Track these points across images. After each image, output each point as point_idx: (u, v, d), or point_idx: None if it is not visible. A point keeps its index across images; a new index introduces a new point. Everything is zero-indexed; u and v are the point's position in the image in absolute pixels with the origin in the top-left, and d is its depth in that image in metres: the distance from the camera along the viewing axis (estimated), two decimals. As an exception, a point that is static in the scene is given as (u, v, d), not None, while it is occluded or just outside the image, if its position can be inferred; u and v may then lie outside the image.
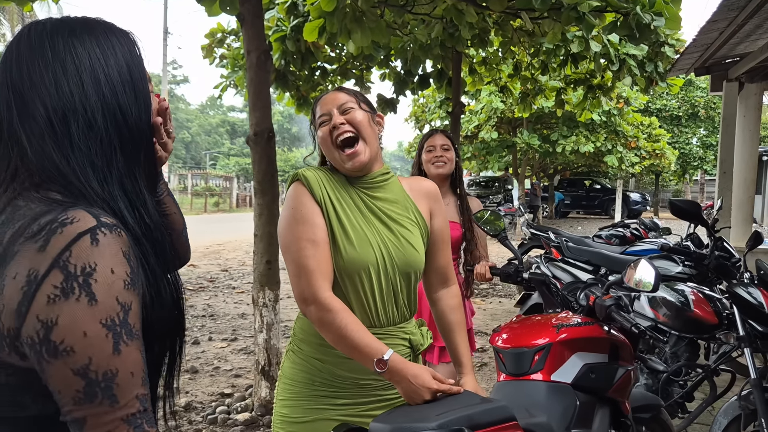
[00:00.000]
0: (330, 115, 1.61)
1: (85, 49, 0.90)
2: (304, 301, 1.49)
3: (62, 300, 0.77)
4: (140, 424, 0.81)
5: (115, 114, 0.90)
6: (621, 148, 17.11)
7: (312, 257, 1.49)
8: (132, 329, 0.82)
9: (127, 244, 0.83)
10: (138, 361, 0.82)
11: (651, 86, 6.14)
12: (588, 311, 1.93)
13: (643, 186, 33.92)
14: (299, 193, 1.56)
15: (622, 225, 6.13)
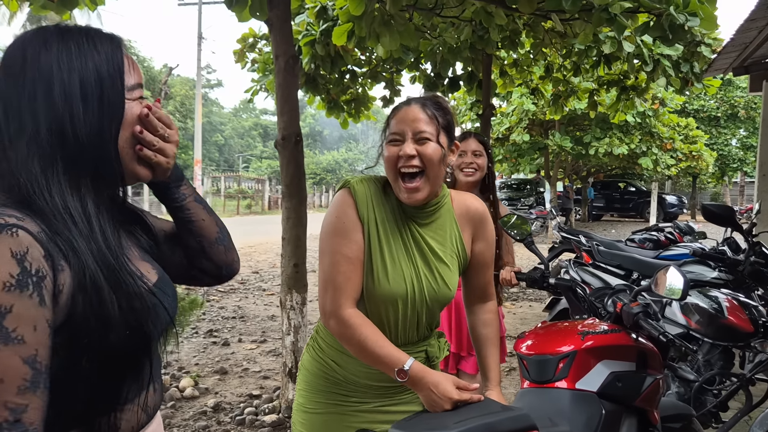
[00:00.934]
0: (403, 138, 1.49)
1: (49, 58, 0.89)
2: (326, 315, 1.50)
3: None
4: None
5: (63, 123, 0.88)
6: (656, 149, 16.77)
7: (342, 273, 1.48)
8: (9, 333, 0.76)
9: (24, 245, 0.79)
10: (13, 368, 0.76)
11: (687, 87, 6.01)
12: (615, 318, 1.89)
13: (679, 188, 33.19)
14: (345, 203, 1.52)
15: (656, 228, 6.01)
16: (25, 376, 0.77)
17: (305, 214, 3.77)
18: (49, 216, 0.85)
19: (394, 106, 1.59)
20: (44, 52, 0.90)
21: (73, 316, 0.84)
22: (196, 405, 3.99)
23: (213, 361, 5.01)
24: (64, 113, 0.88)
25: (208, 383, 4.44)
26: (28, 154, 0.87)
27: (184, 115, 38.41)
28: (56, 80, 0.89)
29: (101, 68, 0.92)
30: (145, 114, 0.98)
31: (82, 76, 0.90)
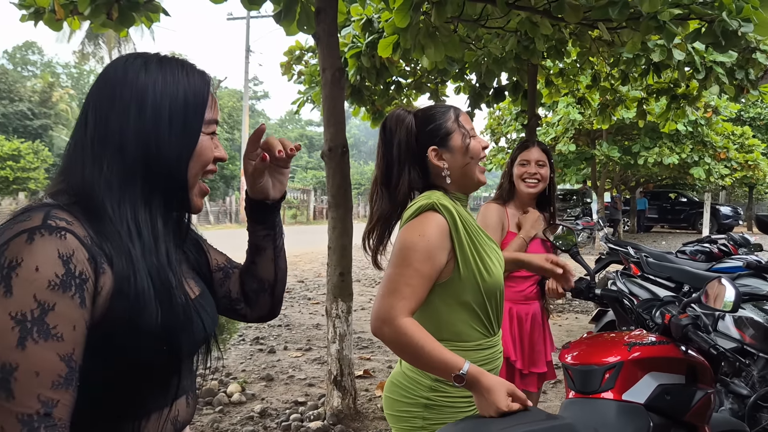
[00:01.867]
0: (474, 135, 1.68)
1: (146, 80, 0.96)
2: (382, 321, 1.50)
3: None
4: (36, 428, 0.78)
5: (149, 142, 0.95)
6: (709, 159, 16.27)
7: (411, 286, 1.51)
8: (50, 329, 0.80)
9: (71, 248, 0.84)
10: (50, 363, 0.80)
11: (741, 94, 5.83)
12: (663, 330, 1.86)
13: (735, 199, 32.05)
14: (435, 224, 1.55)
15: (709, 240, 5.82)
16: (60, 373, 0.81)
17: (351, 223, 3.82)
18: (110, 223, 0.91)
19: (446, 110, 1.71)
20: (143, 74, 0.96)
21: (109, 320, 0.88)
22: (243, 410, 4.08)
23: (259, 367, 5.10)
24: (151, 134, 0.95)
25: (255, 389, 4.52)
26: (110, 164, 0.93)
27: (231, 126, 39.31)
28: (149, 102, 0.95)
29: (188, 98, 0.98)
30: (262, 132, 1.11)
31: (172, 102, 0.97)
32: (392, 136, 1.67)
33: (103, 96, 0.96)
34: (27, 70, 45.69)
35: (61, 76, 46.43)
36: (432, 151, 1.65)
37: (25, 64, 46.57)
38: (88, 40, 37.81)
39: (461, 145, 1.66)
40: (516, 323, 2.59)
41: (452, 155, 1.66)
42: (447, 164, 1.65)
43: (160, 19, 4.14)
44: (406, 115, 1.69)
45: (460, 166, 1.66)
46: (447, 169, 1.65)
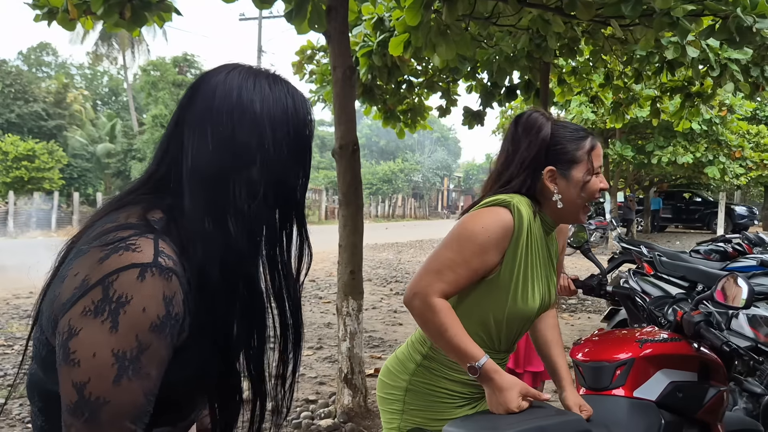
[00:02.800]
0: (598, 173, 1.61)
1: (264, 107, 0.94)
2: (415, 294, 1.50)
3: (92, 316, 0.82)
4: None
5: (275, 178, 0.95)
6: (724, 158, 16.12)
7: (454, 272, 1.48)
8: (141, 368, 0.84)
9: (173, 290, 0.86)
10: (137, 400, 0.84)
11: (757, 92, 5.77)
12: (675, 327, 1.85)
13: (750, 199, 31.71)
14: (500, 221, 1.50)
15: (723, 240, 5.78)
16: (141, 408, 0.85)
17: (362, 222, 3.82)
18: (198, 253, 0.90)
19: (583, 138, 1.60)
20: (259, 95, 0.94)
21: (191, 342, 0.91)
22: (254, 408, 4.09)
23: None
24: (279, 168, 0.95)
25: (266, 387, 4.53)
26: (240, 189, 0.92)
27: (244, 127, 39.50)
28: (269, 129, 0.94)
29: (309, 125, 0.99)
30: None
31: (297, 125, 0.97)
32: (524, 137, 1.60)
33: (220, 124, 0.92)
34: (41, 71, 46.17)
35: (75, 77, 46.87)
36: (549, 171, 1.57)
37: (39, 65, 47.06)
38: (101, 41, 38.15)
39: (580, 180, 1.57)
40: None
41: (567, 184, 1.58)
42: (558, 190, 1.58)
43: (172, 18, 4.17)
44: (545, 123, 1.60)
45: (569, 198, 1.58)
46: (558, 193, 1.58)
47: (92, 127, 35.97)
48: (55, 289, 0.89)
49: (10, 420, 3.81)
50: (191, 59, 33.96)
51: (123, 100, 45.40)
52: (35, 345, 0.93)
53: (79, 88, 41.16)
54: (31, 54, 47.14)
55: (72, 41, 38.01)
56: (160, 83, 31.37)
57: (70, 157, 30.28)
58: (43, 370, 0.90)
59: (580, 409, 1.58)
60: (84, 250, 0.88)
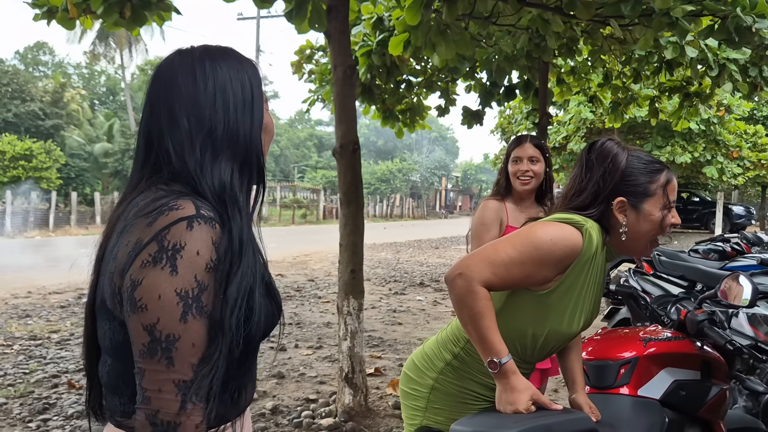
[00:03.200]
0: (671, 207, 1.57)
1: (222, 72, 1.05)
2: (460, 274, 1.46)
3: (151, 266, 0.90)
4: (187, 395, 0.89)
5: (233, 129, 1.04)
6: (722, 158, 16.17)
7: (508, 269, 1.45)
8: (203, 307, 0.91)
9: (218, 236, 0.94)
10: (202, 337, 0.91)
11: (755, 92, 5.78)
12: (679, 326, 1.85)
13: (747, 199, 31.78)
14: (567, 241, 1.47)
15: (722, 239, 5.78)
16: (206, 346, 0.92)
17: (362, 221, 3.82)
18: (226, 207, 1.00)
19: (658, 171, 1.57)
20: (218, 67, 1.06)
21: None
22: (254, 407, 4.09)
23: (270, 365, 5.12)
24: (232, 116, 1.04)
25: (266, 387, 4.54)
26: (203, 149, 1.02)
27: (242, 126, 39.46)
28: (230, 90, 1.05)
29: (251, 83, 1.09)
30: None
31: (243, 90, 1.07)
32: (598, 166, 1.57)
33: (186, 90, 1.03)
34: (38, 71, 46.09)
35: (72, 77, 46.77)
36: (619, 201, 1.54)
37: (36, 64, 46.98)
38: (99, 40, 38.05)
39: (651, 214, 1.54)
40: None
41: (637, 218, 1.54)
42: (626, 222, 1.54)
43: (172, 17, 4.16)
44: (621, 152, 1.57)
45: (638, 232, 1.55)
46: (625, 226, 1.54)
47: (90, 126, 35.89)
48: (107, 270, 0.96)
49: (11, 420, 3.81)
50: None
51: (121, 99, 45.31)
52: (107, 338, 0.99)
53: (76, 87, 41.06)
54: (28, 53, 47.05)
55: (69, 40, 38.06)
56: (157, 83, 31.21)
57: (68, 157, 30.22)
58: (122, 362, 0.97)
59: (591, 411, 1.57)
60: (129, 224, 0.95)
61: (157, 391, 0.89)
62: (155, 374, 0.89)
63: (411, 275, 11.29)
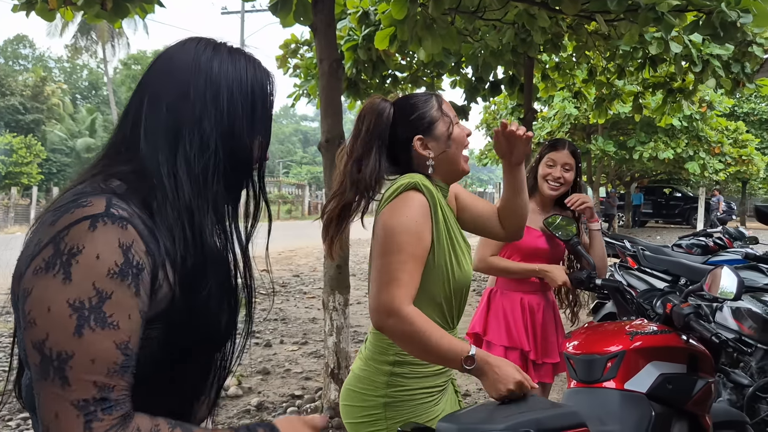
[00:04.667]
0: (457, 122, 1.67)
1: (220, 71, 0.97)
2: (386, 313, 1.43)
3: (43, 272, 0.79)
4: (93, 411, 0.78)
5: (226, 133, 0.96)
6: (704, 154, 16.33)
7: (408, 272, 1.46)
8: (107, 317, 0.80)
9: (131, 238, 0.83)
10: (106, 351, 0.79)
11: (737, 88, 5.83)
12: (665, 319, 1.86)
13: (728, 194, 32.18)
14: (419, 203, 1.51)
15: (705, 234, 5.85)
16: (116, 360, 0.81)
17: (348, 216, 3.79)
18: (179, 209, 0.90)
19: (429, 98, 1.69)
20: (216, 64, 0.97)
21: (166, 311, 0.89)
22: (239, 404, 4.06)
23: (255, 361, 5.09)
24: (226, 122, 0.96)
25: (251, 383, 4.51)
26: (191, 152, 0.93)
27: (226, 121, 39.24)
28: (224, 88, 0.96)
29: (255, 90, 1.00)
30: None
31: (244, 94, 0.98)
32: (367, 124, 1.63)
33: (175, 83, 0.96)
34: (18, 64, 45.42)
35: (53, 71, 46.16)
36: (417, 140, 1.62)
37: (16, 57, 46.29)
38: (80, 33, 37.55)
39: (446, 133, 1.63)
40: (528, 313, 2.54)
41: (437, 143, 1.63)
42: (432, 153, 1.62)
43: (155, 10, 4.10)
44: (382, 104, 1.65)
45: (445, 155, 1.64)
46: (432, 159, 1.62)
47: (71, 121, 35.46)
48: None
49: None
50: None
51: (103, 94, 44.79)
52: (21, 348, 0.88)
53: (57, 81, 40.53)
54: (8, 46, 46.31)
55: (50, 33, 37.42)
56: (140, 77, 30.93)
57: (49, 152, 29.84)
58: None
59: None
60: (40, 220, 0.86)
61: (54, 417, 0.78)
62: (49, 399, 0.78)
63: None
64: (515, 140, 1.62)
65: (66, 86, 40.34)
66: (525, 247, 2.51)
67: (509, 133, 1.62)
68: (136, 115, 0.96)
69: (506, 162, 1.69)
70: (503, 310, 2.54)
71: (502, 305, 2.55)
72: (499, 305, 2.57)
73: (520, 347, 2.49)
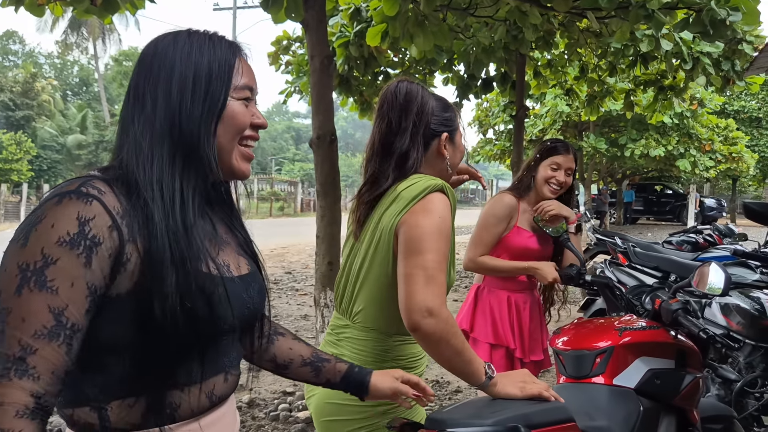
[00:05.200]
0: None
1: (174, 52, 1.01)
2: (427, 312, 1.36)
3: (13, 240, 0.88)
4: (7, 368, 0.82)
5: (174, 109, 0.98)
6: (694, 151, 16.43)
7: (443, 272, 1.42)
8: (46, 281, 0.84)
9: (93, 213, 0.88)
10: (38, 312, 0.84)
11: (728, 86, 5.87)
12: (653, 315, 1.87)
13: (719, 191, 32.40)
14: (447, 206, 1.49)
15: (695, 231, 5.89)
16: (45, 324, 0.84)
17: (340, 212, 3.79)
18: (140, 187, 0.94)
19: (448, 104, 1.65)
20: (171, 47, 1.01)
21: (140, 288, 0.92)
22: (231, 401, 4.05)
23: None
24: (176, 100, 0.99)
25: (242, 379, 4.46)
26: (142, 133, 0.98)
27: (218, 118, 39.07)
28: (176, 71, 1.00)
29: (213, 66, 1.02)
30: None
31: (197, 71, 1.00)
32: (411, 104, 1.54)
33: (139, 72, 1.01)
34: (8, 60, 45.07)
35: (44, 67, 45.82)
36: (445, 137, 1.60)
37: (5, 53, 45.92)
38: (71, 29, 37.31)
39: (460, 143, 1.67)
40: (515, 311, 2.55)
41: (453, 150, 1.63)
42: (448, 157, 1.62)
43: (145, 5, 4.07)
44: (422, 90, 1.58)
45: (452, 163, 1.65)
46: (448, 160, 1.62)
47: (62, 117, 35.22)
48: None
49: None
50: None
51: (94, 90, 44.51)
52: None
53: (47, 77, 40.23)
54: (-3, 42, 45.92)
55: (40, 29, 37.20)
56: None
57: (39, 149, 29.66)
58: None
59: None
60: None
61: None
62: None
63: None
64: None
65: (56, 82, 40.04)
66: (516, 247, 2.51)
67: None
68: (122, 109, 1.02)
69: None
70: (490, 307, 2.55)
71: (489, 303, 2.56)
72: (486, 302, 2.57)
73: (506, 345, 2.50)
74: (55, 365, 0.85)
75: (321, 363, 1.27)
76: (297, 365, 1.27)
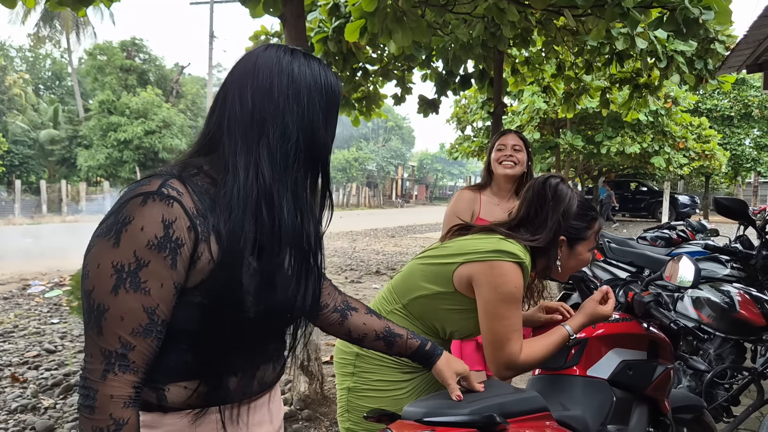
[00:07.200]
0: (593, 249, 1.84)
1: (300, 72, 1.06)
2: (506, 367, 1.61)
3: (103, 235, 0.94)
4: (112, 363, 0.91)
5: (305, 127, 1.05)
6: (669, 149, 16.68)
7: (516, 330, 1.60)
8: (140, 283, 0.92)
9: (174, 215, 0.95)
10: (135, 311, 0.92)
11: (701, 84, 5.97)
12: (626, 308, 1.91)
13: (692, 188, 32.96)
14: (521, 279, 1.62)
15: (668, 227, 5.97)
16: (141, 322, 0.93)
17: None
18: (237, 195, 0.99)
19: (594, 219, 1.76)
20: (296, 66, 1.06)
21: (207, 281, 0.98)
22: (208, 397, 4.03)
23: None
24: (306, 120, 1.05)
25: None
26: (274, 144, 1.01)
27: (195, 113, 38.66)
28: (305, 93, 1.05)
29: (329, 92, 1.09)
30: None
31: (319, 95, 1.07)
32: (557, 204, 1.68)
33: (259, 81, 1.04)
34: (-21, 54, 44.03)
35: (15, 60, 44.85)
36: (562, 239, 1.70)
37: (-24, 46, 44.87)
38: (43, 22, 36.57)
39: (581, 254, 1.73)
40: None
41: (569, 256, 1.72)
42: (561, 257, 1.71)
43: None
44: (574, 198, 1.71)
45: (566, 266, 1.74)
46: (559, 261, 1.71)
47: (34, 112, 34.52)
48: None
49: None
50: (140, 43, 32.83)
51: (68, 84, 43.71)
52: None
53: (19, 71, 39.40)
54: (-33, 35, 44.81)
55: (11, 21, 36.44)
56: (107, 68, 30.21)
57: (11, 144, 29.05)
58: None
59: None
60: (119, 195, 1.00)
61: (90, 356, 0.92)
62: (90, 340, 0.93)
63: (367, 264, 11.30)
64: None
65: (28, 76, 39.22)
66: None
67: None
68: (220, 112, 1.05)
69: None
70: None
71: None
72: None
73: (475, 338, 2.53)
74: (149, 357, 0.95)
75: (393, 338, 1.36)
76: (371, 339, 1.36)
